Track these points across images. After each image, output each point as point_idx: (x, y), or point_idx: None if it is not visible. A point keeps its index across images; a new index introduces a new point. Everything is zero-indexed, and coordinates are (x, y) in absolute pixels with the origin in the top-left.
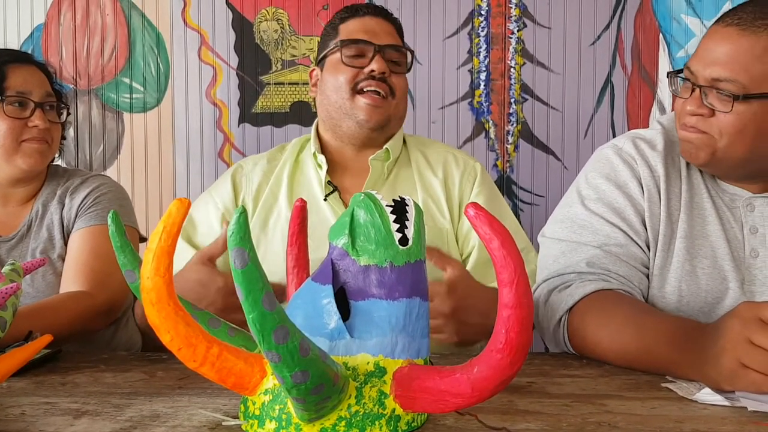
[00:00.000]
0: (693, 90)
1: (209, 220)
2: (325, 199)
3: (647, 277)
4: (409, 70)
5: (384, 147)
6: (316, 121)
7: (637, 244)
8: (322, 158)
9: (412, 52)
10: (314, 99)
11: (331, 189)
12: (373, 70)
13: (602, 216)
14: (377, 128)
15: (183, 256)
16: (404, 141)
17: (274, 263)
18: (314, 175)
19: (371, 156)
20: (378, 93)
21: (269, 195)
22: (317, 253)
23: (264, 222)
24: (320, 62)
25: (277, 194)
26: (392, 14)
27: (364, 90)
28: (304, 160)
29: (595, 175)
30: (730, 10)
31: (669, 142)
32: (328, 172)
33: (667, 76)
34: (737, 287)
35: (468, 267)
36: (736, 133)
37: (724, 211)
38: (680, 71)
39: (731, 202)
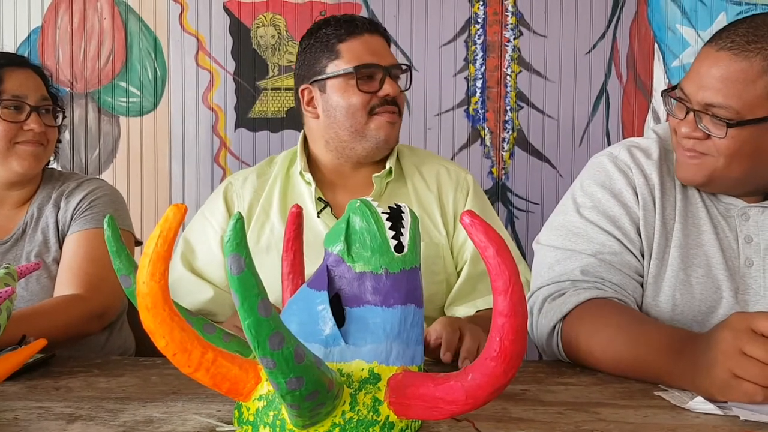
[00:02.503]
0: (687, 112)
1: (208, 244)
2: (318, 216)
3: (641, 285)
4: (408, 87)
5: (388, 166)
6: (301, 135)
7: (632, 252)
8: (309, 177)
9: (410, 68)
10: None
11: (323, 205)
12: (388, 95)
13: (597, 224)
14: (392, 146)
15: (185, 282)
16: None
17: (269, 280)
18: (306, 190)
19: (375, 174)
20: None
21: (261, 212)
22: (311, 268)
23: (257, 239)
24: (316, 82)
25: (269, 211)
26: (381, 25)
27: (378, 111)
28: (296, 174)
29: (590, 183)
30: (723, 30)
31: (664, 151)
32: (320, 187)
33: (662, 95)
34: (731, 296)
35: (459, 281)
36: (732, 155)
37: (719, 220)
38: (675, 88)
39: (726, 212)
